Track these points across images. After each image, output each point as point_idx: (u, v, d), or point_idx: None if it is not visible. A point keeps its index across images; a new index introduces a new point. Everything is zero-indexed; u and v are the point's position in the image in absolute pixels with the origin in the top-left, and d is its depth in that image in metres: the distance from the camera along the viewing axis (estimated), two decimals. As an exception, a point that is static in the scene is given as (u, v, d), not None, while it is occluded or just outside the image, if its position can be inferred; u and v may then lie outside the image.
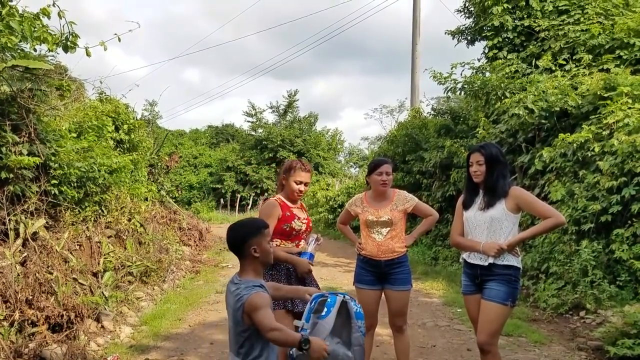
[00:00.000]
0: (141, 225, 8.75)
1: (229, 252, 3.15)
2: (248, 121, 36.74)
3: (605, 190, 6.22)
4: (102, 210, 7.74)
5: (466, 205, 3.58)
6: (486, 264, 3.36)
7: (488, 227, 3.39)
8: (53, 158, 6.14)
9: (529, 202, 3.41)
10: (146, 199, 10.82)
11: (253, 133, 35.75)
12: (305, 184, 3.52)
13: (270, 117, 37.23)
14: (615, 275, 6.03)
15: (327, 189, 20.10)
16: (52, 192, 6.11)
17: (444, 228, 10.90)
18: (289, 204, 3.48)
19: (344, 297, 2.65)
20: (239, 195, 31.36)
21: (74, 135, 7.49)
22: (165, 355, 4.93)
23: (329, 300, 2.60)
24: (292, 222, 3.43)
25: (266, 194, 30.99)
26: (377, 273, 3.90)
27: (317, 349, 2.30)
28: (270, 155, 32.58)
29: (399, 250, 3.88)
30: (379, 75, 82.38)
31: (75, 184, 6.59)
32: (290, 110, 36.24)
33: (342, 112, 74.22)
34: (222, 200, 31.80)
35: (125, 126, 9.99)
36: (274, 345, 2.43)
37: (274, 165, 32.56)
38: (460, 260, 3.70)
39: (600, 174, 6.36)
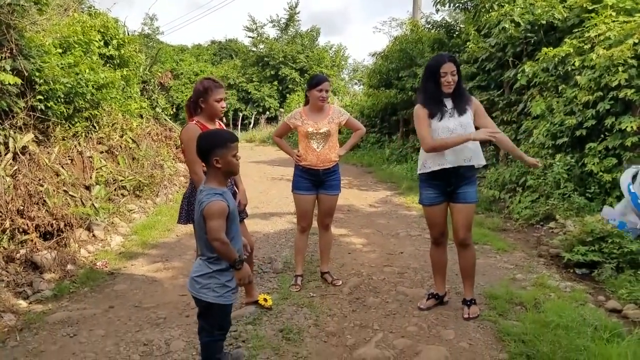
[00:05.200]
0: (134, 142, 8.94)
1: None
2: (249, 37, 35.89)
3: (582, 105, 6.27)
4: (94, 126, 7.92)
5: (433, 115, 3.66)
6: (469, 163, 3.63)
7: (465, 131, 3.58)
8: (37, 74, 6.21)
9: (484, 114, 3.75)
10: (141, 116, 10.98)
11: (254, 49, 35.03)
12: (224, 99, 3.61)
13: (271, 32, 36.34)
14: (586, 188, 6.22)
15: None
16: (39, 107, 6.25)
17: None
18: (209, 126, 3.52)
19: None
20: (241, 114, 31.36)
21: (60, 51, 7.50)
22: (150, 261, 5.29)
23: None
24: None
25: (268, 112, 30.98)
26: (315, 180, 4.36)
27: (244, 274, 2.67)
28: (272, 72, 32.14)
29: (334, 160, 4.37)
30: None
31: (63, 100, 6.71)
32: (291, 24, 35.22)
33: (349, 26, 71.68)
34: (224, 119, 31.80)
35: (115, 41, 9.91)
36: (235, 246, 2.65)
37: (275, 83, 32.21)
38: (419, 174, 3.91)
39: (578, 88, 6.38)
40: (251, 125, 30.47)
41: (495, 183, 7.68)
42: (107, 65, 9.57)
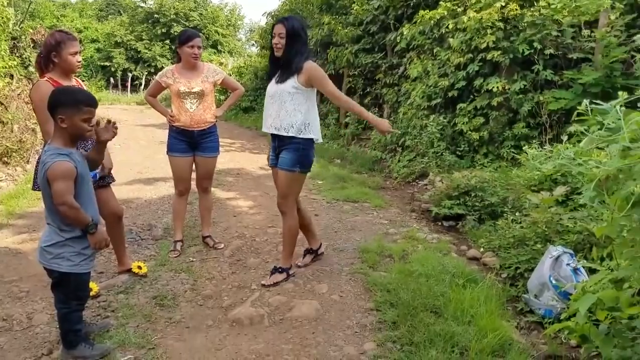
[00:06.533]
0: (0, 104, 8.19)
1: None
2: (137, -9, 33.74)
3: (454, 67, 6.62)
4: (-47, 88, 7.15)
5: (268, 77, 3.69)
6: (276, 132, 3.56)
7: (279, 99, 3.52)
8: None
9: (319, 79, 3.49)
10: (11, 76, 10.04)
11: (143, 5, 33.02)
12: (80, 53, 3.34)
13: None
14: (457, 146, 6.65)
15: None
16: None
17: (324, 107, 11.19)
18: (63, 82, 3.22)
19: None
20: (130, 75, 29.68)
21: None
22: (16, 232, 4.93)
23: None
24: None
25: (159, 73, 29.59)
26: (190, 142, 4.22)
27: (100, 239, 2.52)
28: (163, 30, 30.61)
29: (210, 121, 4.22)
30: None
31: None
32: (181, -21, 33.47)
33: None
34: (112, 80, 29.99)
35: (-24, -7, 8.89)
36: (87, 211, 2.49)
37: (167, 41, 30.76)
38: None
39: (451, 51, 6.71)
40: (142, 86, 28.96)
41: (379, 144, 7.98)
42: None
